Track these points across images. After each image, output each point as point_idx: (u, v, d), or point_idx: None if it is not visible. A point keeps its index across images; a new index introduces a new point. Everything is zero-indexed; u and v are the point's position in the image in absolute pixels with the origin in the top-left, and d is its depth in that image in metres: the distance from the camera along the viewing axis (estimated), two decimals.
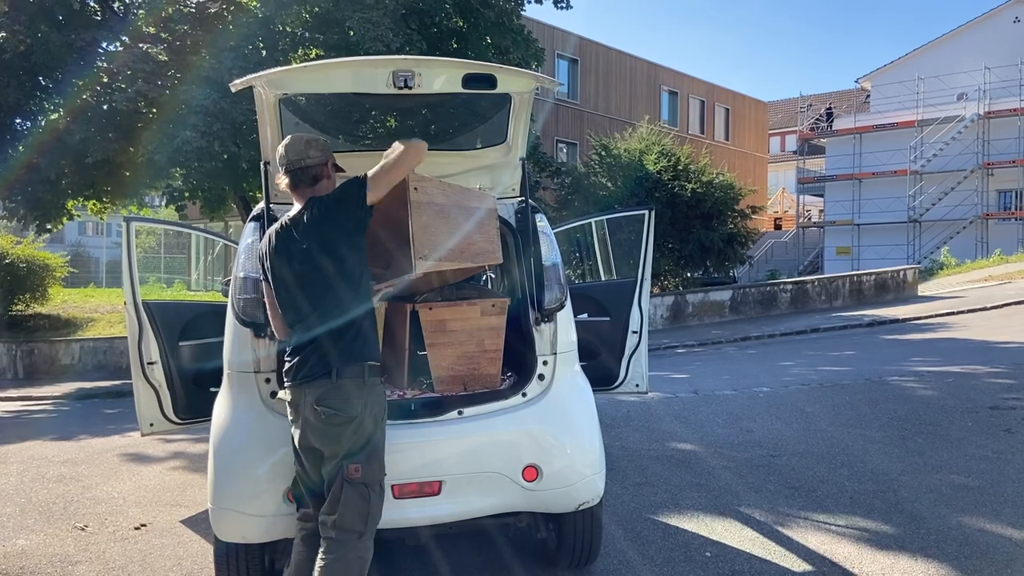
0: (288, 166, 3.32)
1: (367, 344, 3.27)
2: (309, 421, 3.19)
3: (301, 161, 3.31)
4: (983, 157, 30.30)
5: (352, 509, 3.17)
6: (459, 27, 15.46)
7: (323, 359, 3.19)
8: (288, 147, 3.34)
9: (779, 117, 48.47)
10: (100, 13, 14.77)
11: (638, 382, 5.44)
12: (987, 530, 4.63)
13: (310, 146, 3.35)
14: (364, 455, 3.19)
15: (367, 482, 3.20)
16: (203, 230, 8.63)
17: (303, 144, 3.34)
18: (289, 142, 3.36)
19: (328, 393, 3.16)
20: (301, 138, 3.39)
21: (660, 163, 21.02)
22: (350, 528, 3.16)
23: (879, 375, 9.62)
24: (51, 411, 12.45)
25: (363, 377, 3.20)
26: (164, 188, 15.51)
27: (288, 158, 3.31)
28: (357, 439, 3.18)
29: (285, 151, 3.33)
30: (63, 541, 5.24)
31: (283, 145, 3.37)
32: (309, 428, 3.20)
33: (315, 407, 3.16)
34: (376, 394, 3.25)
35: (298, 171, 3.32)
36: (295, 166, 3.31)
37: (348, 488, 3.17)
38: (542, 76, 3.98)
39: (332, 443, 3.18)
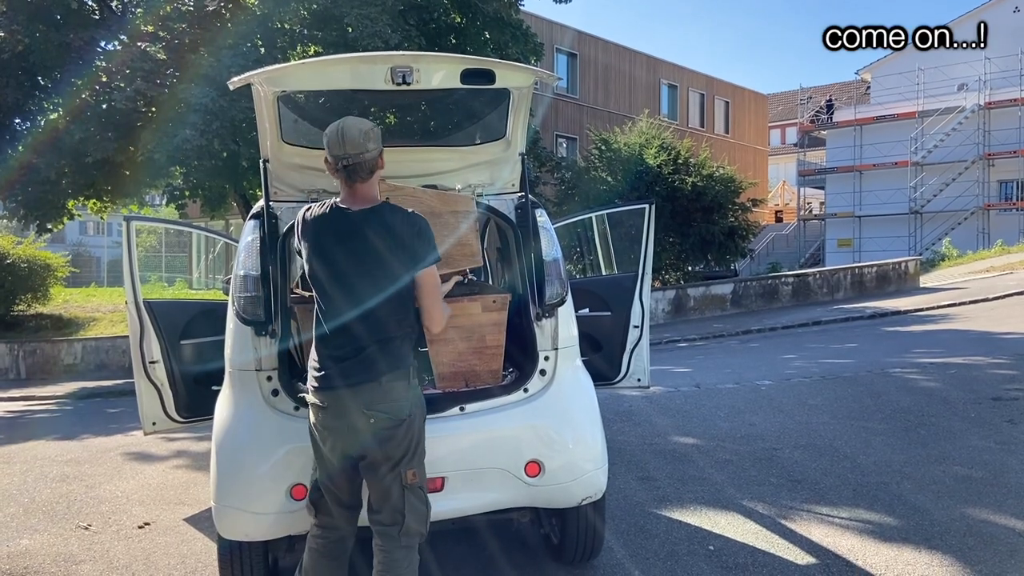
0: (346, 160, 3.08)
1: (409, 349, 3.20)
2: (355, 427, 3.07)
3: (361, 155, 3.09)
4: (984, 148, 30.26)
5: (416, 514, 3.15)
6: (457, 23, 15.44)
7: (371, 362, 3.08)
8: (345, 139, 3.07)
9: (779, 109, 48.42)
10: (98, 12, 14.75)
11: (640, 376, 5.44)
12: (990, 521, 4.63)
13: (368, 137, 3.10)
14: (416, 459, 3.16)
15: (422, 485, 3.19)
16: (204, 229, 8.64)
17: (361, 135, 3.09)
18: (345, 133, 3.08)
19: (379, 397, 3.07)
20: (357, 128, 3.10)
21: (660, 157, 21.01)
22: (416, 533, 3.16)
23: (881, 367, 9.61)
24: (54, 411, 12.46)
25: (408, 380, 3.14)
26: (164, 187, 15.51)
27: (346, 151, 3.07)
28: (410, 442, 3.12)
29: (342, 143, 3.07)
30: (67, 540, 5.25)
31: (336, 134, 3.09)
32: (355, 434, 3.08)
33: (364, 411, 3.06)
34: (419, 395, 3.22)
35: (357, 165, 3.10)
36: (355, 160, 3.08)
37: (409, 494, 3.13)
38: (541, 71, 3.96)
39: (384, 448, 3.09)
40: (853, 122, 33.53)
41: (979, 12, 32.00)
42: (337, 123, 3.12)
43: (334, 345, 3.13)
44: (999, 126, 30.05)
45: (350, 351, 3.10)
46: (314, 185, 4.18)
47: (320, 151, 4.19)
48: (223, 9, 13.74)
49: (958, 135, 30.29)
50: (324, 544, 3.27)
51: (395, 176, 4.28)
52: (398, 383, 3.10)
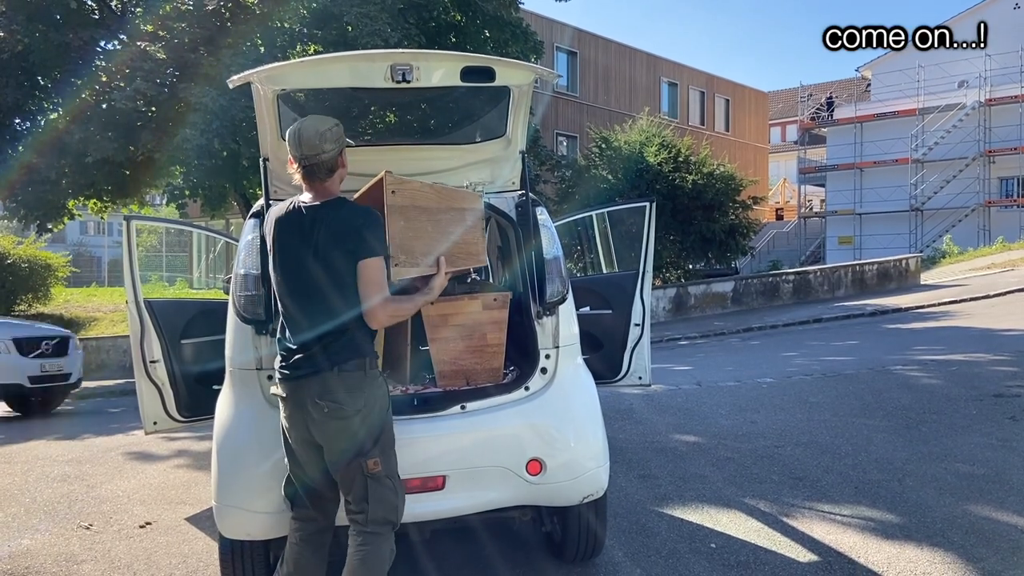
0: (303, 160, 3.16)
1: (366, 339, 3.22)
2: (312, 417, 3.13)
3: (317, 156, 3.15)
4: (985, 145, 30.25)
5: (383, 503, 3.17)
6: (457, 21, 15.45)
7: (324, 353, 3.14)
8: (301, 140, 3.14)
9: (779, 107, 48.39)
10: (98, 12, 14.76)
11: (641, 374, 5.43)
12: (992, 518, 4.62)
13: (324, 139, 3.15)
14: (378, 448, 3.16)
15: (388, 474, 3.20)
16: (204, 228, 8.65)
17: (317, 137, 3.14)
18: (301, 134, 3.14)
19: (331, 387, 3.11)
20: (314, 128, 3.15)
21: (660, 155, 21.01)
22: (384, 520, 3.18)
23: (882, 364, 9.60)
24: (55, 410, 12.46)
25: (364, 371, 3.16)
26: (164, 186, 15.52)
27: (302, 152, 3.15)
28: (367, 434, 3.14)
29: (299, 143, 3.14)
30: (68, 540, 5.24)
31: (294, 135, 3.15)
32: (312, 424, 3.15)
33: (317, 401, 3.11)
34: (378, 385, 3.22)
35: (314, 166, 3.17)
36: (310, 161, 3.15)
37: (372, 483, 3.15)
38: (541, 68, 3.96)
39: (338, 438, 3.14)
40: (854, 119, 33.51)
41: (979, 9, 31.99)
42: (297, 123, 3.18)
43: (292, 338, 3.20)
44: (1000, 123, 30.03)
45: (305, 343, 3.16)
46: None
47: None
48: (223, 8, 13.74)
49: (959, 132, 30.27)
50: (302, 536, 3.31)
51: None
52: (352, 374, 3.13)
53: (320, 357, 3.14)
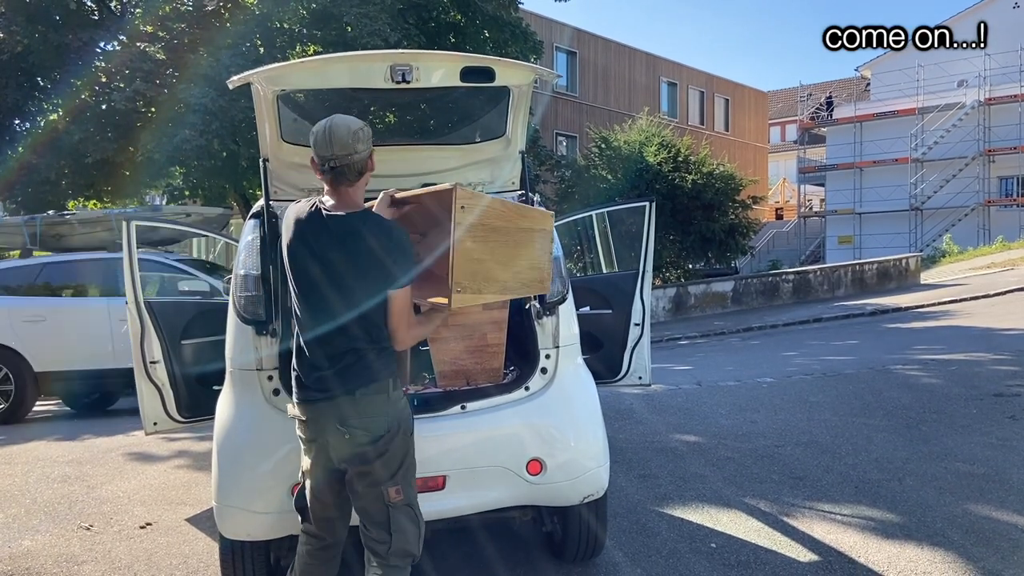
0: (332, 161, 2.89)
1: (390, 360, 3.03)
2: (333, 442, 2.96)
3: (349, 156, 2.90)
4: (984, 144, 30.26)
5: (405, 533, 3.00)
6: (456, 21, 15.47)
7: (346, 376, 2.94)
8: (333, 140, 2.88)
9: (779, 106, 48.40)
10: (97, 13, 14.77)
11: (641, 374, 5.43)
12: (992, 517, 4.62)
13: (357, 138, 2.90)
14: (401, 475, 3.00)
15: (410, 503, 3.03)
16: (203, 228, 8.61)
17: (350, 136, 2.89)
18: (334, 133, 2.89)
19: (353, 412, 2.93)
20: (346, 127, 2.91)
21: (660, 155, 21.02)
22: (405, 553, 3.01)
23: (882, 364, 9.60)
24: (55, 411, 12.46)
25: (388, 394, 2.99)
26: (164, 187, 15.55)
27: (333, 152, 2.88)
28: (389, 460, 2.96)
29: (329, 143, 2.88)
30: (69, 541, 5.24)
31: (324, 134, 2.90)
32: (333, 450, 2.98)
33: (339, 427, 2.93)
34: (402, 408, 3.06)
35: (344, 167, 2.92)
36: (341, 162, 2.90)
37: (395, 512, 2.98)
38: (540, 68, 3.96)
39: (361, 466, 2.96)
40: (853, 119, 33.52)
41: (978, 9, 32.01)
42: (325, 121, 2.94)
43: (311, 355, 2.99)
44: (999, 122, 30.04)
45: (325, 362, 2.96)
46: (314, 184, 4.16)
47: None
48: (222, 9, 13.76)
49: (958, 131, 30.29)
50: (312, 550, 3.20)
51: (395, 175, 4.28)
52: (375, 397, 2.95)
53: (342, 380, 2.95)
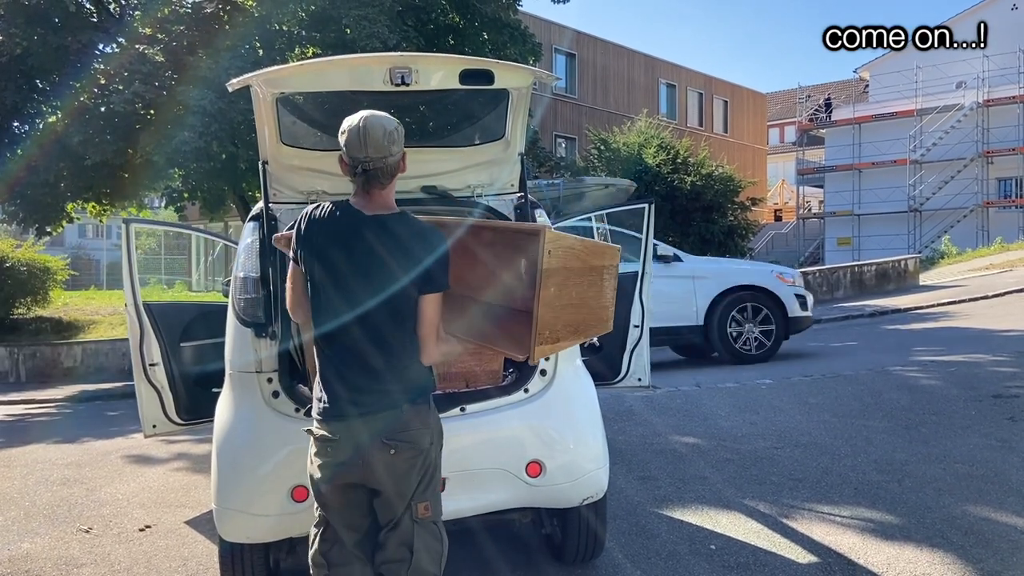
0: (366, 163, 2.73)
1: (428, 369, 2.92)
2: (371, 459, 2.76)
3: (384, 159, 2.74)
4: (983, 145, 30.28)
5: (429, 552, 2.84)
6: (456, 23, 15.45)
7: (394, 386, 2.78)
8: (368, 141, 2.71)
9: (778, 108, 48.40)
10: (96, 15, 14.75)
11: (640, 376, 5.44)
12: (992, 519, 4.62)
13: (392, 139, 2.75)
14: (431, 490, 2.88)
15: (435, 520, 2.90)
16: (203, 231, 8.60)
17: (385, 137, 2.73)
18: (369, 134, 2.71)
19: (401, 424, 2.77)
20: (382, 128, 2.73)
21: (659, 156, 21.04)
22: (427, 573, 2.85)
23: (882, 365, 9.60)
24: (54, 414, 12.45)
25: (429, 403, 2.90)
26: (163, 189, 15.51)
27: (367, 154, 2.72)
28: (426, 473, 2.85)
29: (363, 144, 2.71)
30: (68, 544, 5.24)
31: (359, 134, 2.72)
32: (368, 468, 2.77)
33: (385, 441, 2.75)
34: (437, 420, 2.95)
35: (378, 170, 2.76)
36: (376, 164, 2.74)
37: (419, 529, 2.83)
38: (539, 71, 3.97)
39: (402, 481, 2.80)
40: (852, 120, 33.55)
41: (977, 10, 32.03)
42: (358, 120, 2.76)
43: (346, 367, 2.78)
44: (998, 124, 30.07)
45: (364, 375, 2.77)
46: (313, 187, 4.18)
47: (319, 152, 4.20)
48: (221, 11, 13.74)
49: (957, 133, 30.31)
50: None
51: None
52: (420, 408, 2.84)
53: (386, 393, 2.79)
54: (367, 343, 2.77)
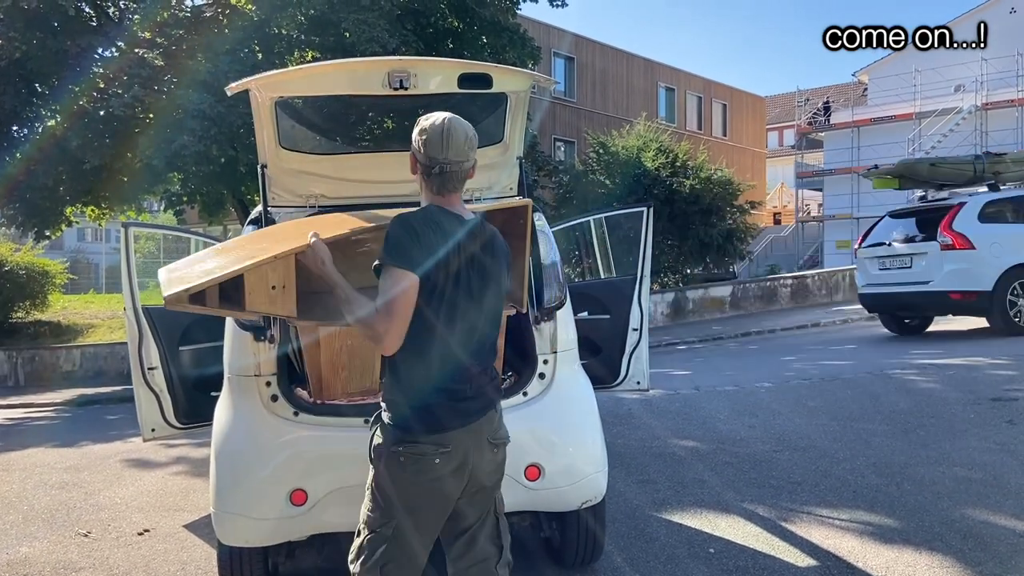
0: (446, 166, 2.66)
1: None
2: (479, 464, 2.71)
3: (461, 164, 2.69)
4: (981, 148, 30.25)
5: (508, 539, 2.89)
6: (454, 27, 15.49)
7: (493, 385, 2.80)
8: (451, 144, 2.66)
9: (777, 111, 48.44)
10: (95, 19, 14.78)
11: (639, 379, 5.44)
12: (990, 522, 4.62)
13: (471, 144, 2.72)
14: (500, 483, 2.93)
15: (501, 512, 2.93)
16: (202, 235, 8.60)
17: (467, 142, 2.69)
18: (452, 137, 2.67)
19: (498, 424, 2.83)
20: (463, 132, 2.70)
21: (658, 160, 21.03)
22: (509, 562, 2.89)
23: (880, 368, 9.60)
24: (53, 418, 12.45)
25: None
26: (162, 193, 15.56)
27: (448, 156, 2.65)
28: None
29: (446, 147, 2.65)
30: (66, 548, 5.23)
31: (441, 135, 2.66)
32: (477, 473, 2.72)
33: (490, 441, 2.75)
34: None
35: (454, 173, 2.69)
36: (455, 167, 2.68)
37: (501, 522, 2.87)
38: (538, 75, 3.98)
39: (496, 479, 2.83)
40: (850, 124, 33.54)
41: (976, 13, 32.07)
42: (441, 120, 2.70)
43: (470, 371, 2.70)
44: (996, 127, 30.07)
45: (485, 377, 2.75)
46: (312, 190, 4.19)
47: (318, 156, 4.21)
48: (220, 15, 13.77)
49: (956, 136, 30.31)
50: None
51: (394, 180, 4.29)
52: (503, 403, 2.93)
53: (491, 390, 2.77)
54: (477, 348, 2.73)
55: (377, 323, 2.53)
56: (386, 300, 2.52)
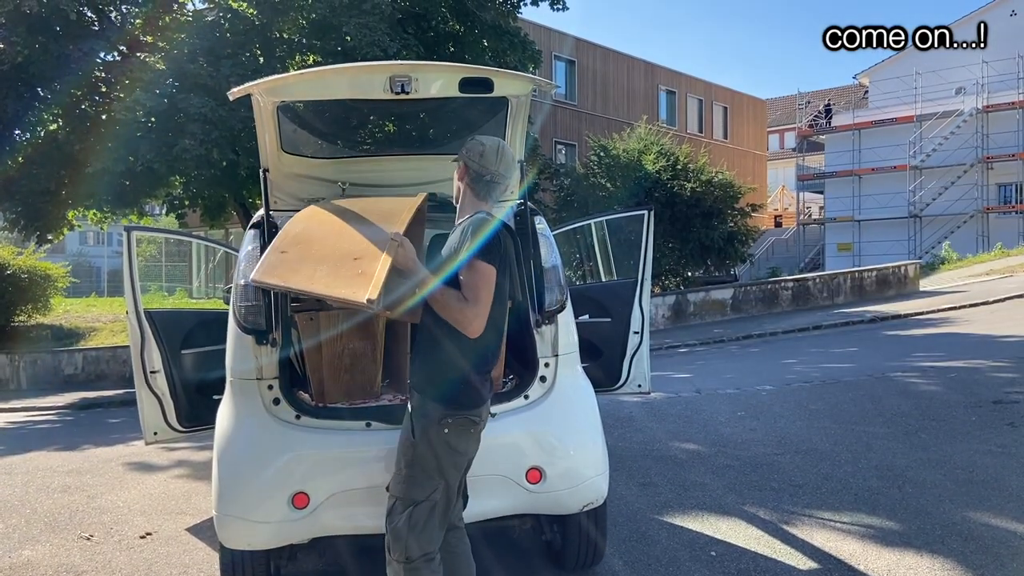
0: (496, 177, 3.18)
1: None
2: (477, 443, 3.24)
3: (505, 178, 3.24)
4: (982, 151, 30.29)
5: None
6: (455, 31, 15.50)
7: (488, 384, 3.25)
8: (504, 159, 3.19)
9: (777, 114, 48.45)
10: (97, 23, 14.79)
11: (640, 382, 5.44)
12: (992, 525, 4.63)
13: (515, 164, 3.38)
14: None
15: None
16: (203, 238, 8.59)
17: (514, 163, 3.33)
18: (506, 153, 3.22)
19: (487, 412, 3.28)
20: (512, 153, 3.31)
21: (659, 163, 21.02)
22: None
23: (882, 371, 9.61)
24: (55, 421, 12.45)
25: None
26: (164, 197, 15.55)
27: (499, 169, 3.18)
28: None
29: (501, 161, 3.17)
30: (69, 551, 5.24)
31: (499, 150, 3.18)
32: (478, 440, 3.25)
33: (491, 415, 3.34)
34: None
35: (498, 185, 3.22)
36: (496, 179, 3.20)
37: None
38: (538, 79, 3.98)
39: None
40: (851, 126, 33.56)
41: (976, 15, 32.09)
42: (493, 140, 3.24)
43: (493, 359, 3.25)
44: (997, 129, 30.08)
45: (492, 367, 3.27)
46: (314, 194, 4.19)
47: (320, 160, 4.22)
48: (222, 19, 13.78)
49: (956, 139, 30.33)
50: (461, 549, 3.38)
51: (395, 184, 4.30)
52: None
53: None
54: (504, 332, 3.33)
55: (467, 309, 2.97)
56: (477, 290, 2.98)
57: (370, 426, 3.64)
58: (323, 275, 3.02)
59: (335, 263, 3.07)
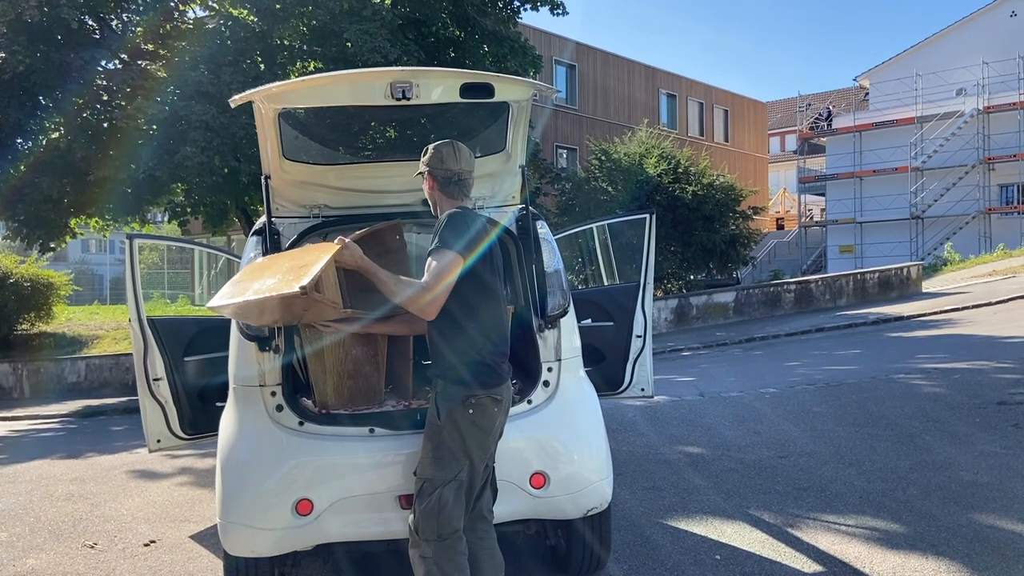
0: (462, 175, 3.40)
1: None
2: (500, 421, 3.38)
3: (471, 172, 3.44)
4: (984, 152, 30.26)
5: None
6: (456, 36, 15.52)
7: (504, 365, 3.40)
8: (462, 156, 3.40)
9: (778, 117, 48.45)
10: (98, 32, 14.82)
11: (643, 386, 5.44)
12: (997, 526, 4.62)
13: (473, 157, 3.49)
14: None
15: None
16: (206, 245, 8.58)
17: (471, 156, 3.46)
18: (460, 150, 3.41)
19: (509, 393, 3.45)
20: (467, 147, 3.46)
21: (660, 166, 21.04)
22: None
23: (885, 373, 9.59)
24: (58, 429, 12.46)
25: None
26: (166, 204, 15.56)
27: (461, 167, 3.39)
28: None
29: (459, 158, 3.39)
30: (73, 559, 5.24)
31: (455, 150, 3.40)
32: (504, 415, 3.40)
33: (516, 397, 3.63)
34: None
35: (467, 182, 3.42)
36: (465, 176, 3.41)
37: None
38: (539, 83, 3.98)
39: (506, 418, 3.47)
40: (852, 128, 33.53)
41: (977, 16, 32.14)
42: (445, 143, 3.42)
43: (499, 346, 3.39)
44: (998, 130, 30.05)
45: (504, 353, 3.41)
46: (316, 201, 4.20)
47: (321, 167, 4.22)
48: (222, 26, 13.81)
49: (958, 140, 30.29)
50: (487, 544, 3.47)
51: (396, 190, 4.30)
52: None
53: (504, 368, 3.41)
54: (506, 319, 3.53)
55: (421, 293, 3.12)
56: (434, 274, 3.11)
57: (373, 432, 3.63)
58: (269, 284, 3.13)
59: (283, 273, 3.19)
